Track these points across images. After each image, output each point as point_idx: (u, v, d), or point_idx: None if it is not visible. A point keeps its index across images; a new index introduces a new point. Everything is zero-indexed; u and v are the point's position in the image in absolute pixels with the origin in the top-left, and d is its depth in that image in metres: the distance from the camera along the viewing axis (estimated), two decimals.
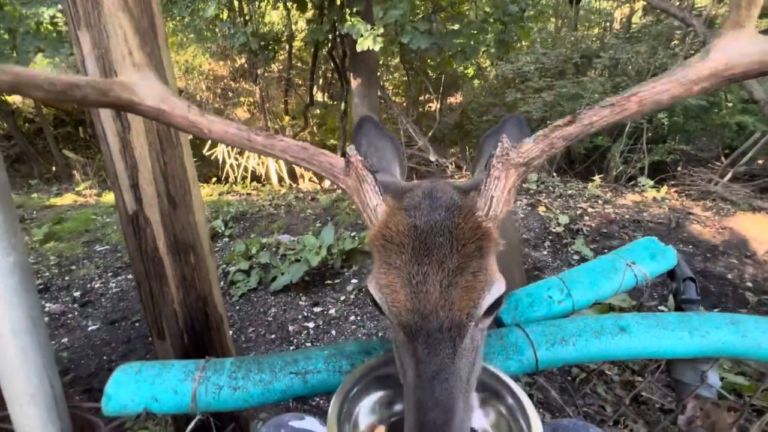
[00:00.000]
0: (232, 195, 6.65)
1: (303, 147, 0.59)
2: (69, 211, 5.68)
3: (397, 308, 0.54)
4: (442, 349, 0.52)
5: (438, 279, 0.53)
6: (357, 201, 0.60)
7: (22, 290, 0.56)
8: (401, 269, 0.55)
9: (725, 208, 4.89)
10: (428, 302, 0.53)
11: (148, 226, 1.28)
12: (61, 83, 0.49)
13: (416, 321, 0.53)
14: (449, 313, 0.53)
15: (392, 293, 0.55)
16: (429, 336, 0.53)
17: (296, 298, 3.52)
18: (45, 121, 9.15)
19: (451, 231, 0.55)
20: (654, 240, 0.94)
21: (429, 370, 0.51)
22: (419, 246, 0.55)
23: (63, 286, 3.92)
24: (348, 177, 0.59)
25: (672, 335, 0.76)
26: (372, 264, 0.61)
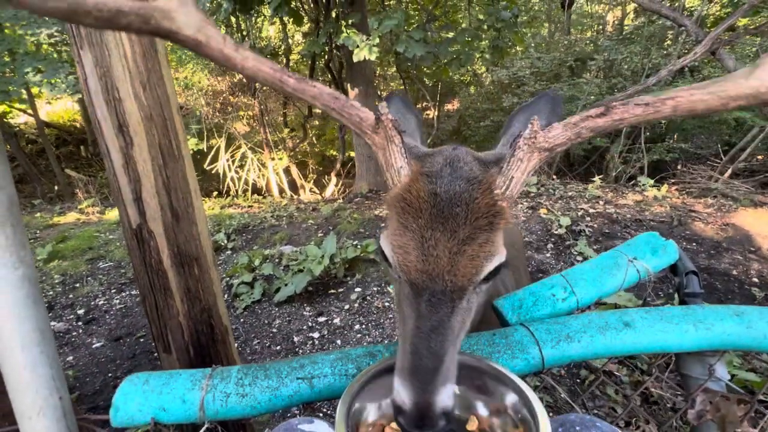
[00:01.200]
0: (234, 208, 6.67)
1: (335, 96, 0.60)
2: (72, 229, 5.70)
3: (407, 267, 0.59)
4: (443, 307, 0.58)
5: (448, 246, 0.58)
6: (382, 159, 0.63)
7: (31, 303, 0.56)
8: (415, 232, 0.59)
9: (727, 204, 4.88)
10: (436, 266, 0.58)
11: (151, 239, 1.29)
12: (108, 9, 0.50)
13: (423, 280, 0.58)
14: (453, 278, 0.58)
15: (404, 254, 0.60)
16: (433, 295, 0.58)
17: (300, 308, 3.51)
18: (47, 141, 9.25)
19: (468, 204, 0.59)
20: (655, 235, 0.95)
21: (428, 323, 0.57)
22: (436, 213, 0.59)
23: (67, 304, 3.92)
24: (376, 134, 0.61)
25: (677, 329, 0.76)
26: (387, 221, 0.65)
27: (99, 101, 1.15)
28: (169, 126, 1.25)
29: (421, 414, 0.54)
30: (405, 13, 4.79)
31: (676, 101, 0.54)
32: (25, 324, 0.56)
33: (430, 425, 0.54)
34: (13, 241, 0.54)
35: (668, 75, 6.09)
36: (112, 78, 1.15)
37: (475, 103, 9.87)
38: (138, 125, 1.18)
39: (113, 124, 1.17)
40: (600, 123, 0.56)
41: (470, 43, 5.53)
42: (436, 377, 0.55)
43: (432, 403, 0.54)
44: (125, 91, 1.16)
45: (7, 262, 0.53)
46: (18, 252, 0.55)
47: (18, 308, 0.55)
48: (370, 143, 0.63)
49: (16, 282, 0.55)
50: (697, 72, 7.67)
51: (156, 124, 1.21)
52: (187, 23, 0.54)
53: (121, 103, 1.15)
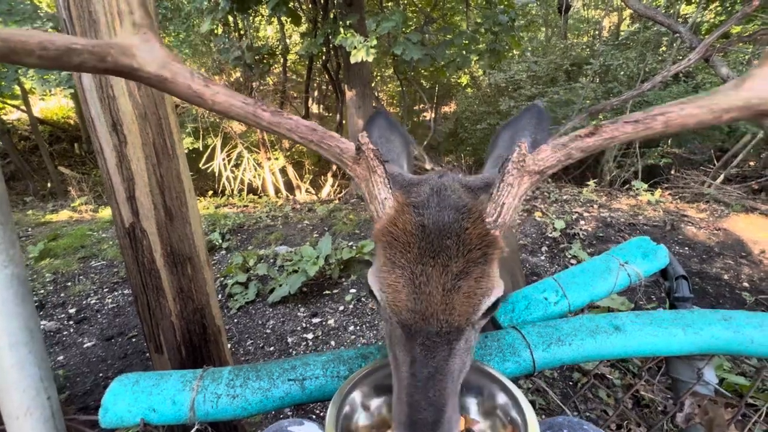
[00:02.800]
0: (229, 208, 6.64)
1: (312, 128, 0.57)
2: (65, 227, 5.65)
3: (397, 307, 0.55)
4: (439, 351, 0.53)
5: (441, 282, 0.54)
6: (365, 191, 0.59)
7: (20, 301, 0.56)
8: (405, 268, 0.55)
9: (719, 209, 4.94)
10: (429, 304, 0.53)
11: (144, 238, 1.29)
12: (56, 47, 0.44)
13: (416, 321, 0.54)
14: (449, 317, 0.53)
15: (394, 292, 0.55)
16: (427, 338, 0.53)
17: (295, 309, 3.50)
18: (40, 138, 9.16)
19: (459, 234, 0.55)
20: (646, 239, 0.96)
21: (425, 371, 0.52)
22: (426, 246, 0.55)
23: (58, 303, 3.88)
24: (358, 165, 0.57)
25: (666, 333, 0.77)
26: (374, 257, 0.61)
27: (93, 98, 1.15)
28: (163, 125, 1.25)
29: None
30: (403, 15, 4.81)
31: (667, 117, 0.53)
32: (13, 322, 0.55)
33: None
34: (2, 239, 0.54)
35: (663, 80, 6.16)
36: (106, 75, 1.14)
37: (471, 106, 9.91)
38: (132, 123, 1.18)
39: (107, 122, 1.16)
40: (590, 143, 0.54)
41: (467, 46, 5.56)
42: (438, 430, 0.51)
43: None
44: (119, 89, 1.15)
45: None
46: (7, 250, 0.54)
47: (6, 306, 0.55)
48: (352, 175, 0.59)
49: (5, 281, 0.54)
50: (691, 78, 7.76)
51: (150, 123, 1.21)
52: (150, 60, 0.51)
53: (115, 100, 1.15)
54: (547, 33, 11.55)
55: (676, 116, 0.52)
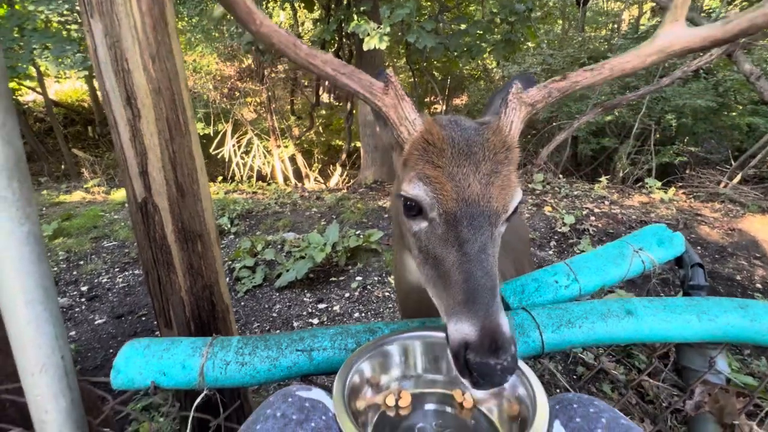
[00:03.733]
0: (239, 193, 6.68)
1: (343, 64, 0.66)
2: (78, 207, 5.74)
3: (444, 196, 0.62)
4: (484, 231, 0.60)
5: (477, 177, 0.63)
6: (394, 116, 0.67)
7: (35, 259, 0.57)
8: (444, 168, 0.63)
9: (734, 209, 4.84)
10: (472, 192, 0.61)
11: (156, 213, 1.30)
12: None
13: (461, 207, 0.61)
14: (488, 203, 0.62)
15: (439, 185, 0.62)
16: (473, 219, 0.61)
17: (301, 294, 3.53)
18: (55, 121, 9.28)
19: (483, 144, 0.65)
20: (662, 227, 0.94)
21: (475, 246, 0.59)
22: (457, 153, 0.64)
23: (71, 281, 3.96)
24: (386, 95, 0.67)
25: (679, 319, 0.75)
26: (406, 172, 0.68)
27: (108, 72, 1.15)
28: (177, 100, 1.24)
29: (494, 338, 0.50)
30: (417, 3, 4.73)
31: (611, 64, 0.70)
32: (29, 280, 0.56)
33: (504, 351, 0.50)
34: (20, 196, 0.55)
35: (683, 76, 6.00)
36: (121, 48, 1.14)
37: (484, 98, 9.79)
38: (146, 98, 1.18)
39: (121, 95, 1.16)
40: (563, 84, 0.70)
41: (482, 36, 5.46)
42: (495, 298, 0.54)
43: (501, 325, 0.52)
44: (134, 63, 1.15)
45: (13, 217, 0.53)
46: (24, 208, 0.55)
47: (23, 264, 0.56)
48: (380, 104, 0.67)
49: (22, 237, 0.55)
50: (711, 75, 7.55)
51: (164, 98, 1.21)
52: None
53: (130, 74, 1.15)
54: (564, 26, 11.30)
55: (616, 63, 0.70)
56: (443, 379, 0.70)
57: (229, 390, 0.88)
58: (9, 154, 0.53)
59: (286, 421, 0.51)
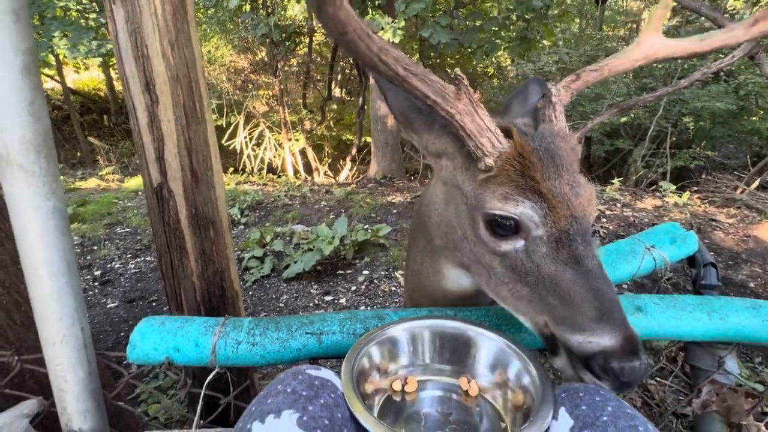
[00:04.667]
0: (249, 185, 6.75)
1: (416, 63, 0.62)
2: (92, 194, 5.86)
3: (557, 215, 0.60)
4: (592, 246, 0.61)
5: (573, 191, 0.62)
6: (470, 125, 0.63)
7: (60, 233, 0.59)
8: (544, 184, 0.61)
9: (750, 216, 4.73)
10: (576, 208, 0.61)
11: (171, 199, 1.32)
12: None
13: (572, 224, 0.60)
14: (588, 218, 0.63)
15: (547, 201, 0.61)
16: (584, 235, 0.61)
17: (308, 286, 3.56)
18: (72, 109, 9.46)
19: (559, 153, 0.64)
20: (676, 225, 0.93)
21: (593, 262, 0.59)
22: (546, 165, 0.62)
23: (85, 265, 4.06)
24: (459, 101, 0.62)
25: (690, 317, 0.75)
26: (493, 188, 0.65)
27: (128, 57, 1.17)
28: (194, 88, 1.26)
29: (632, 346, 0.54)
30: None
31: (609, 65, 0.78)
32: (54, 254, 0.58)
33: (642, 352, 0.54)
34: (47, 171, 0.57)
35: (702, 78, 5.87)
36: (141, 35, 1.17)
37: (497, 97, 9.70)
38: (164, 84, 1.20)
39: (140, 81, 1.19)
40: (579, 84, 0.76)
41: (497, 32, 5.41)
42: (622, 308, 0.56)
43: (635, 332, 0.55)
44: (154, 49, 1.17)
45: (39, 191, 0.56)
46: (51, 183, 0.57)
47: (48, 238, 0.58)
48: (453, 111, 0.62)
49: (48, 212, 0.57)
50: (732, 77, 7.37)
51: (182, 85, 1.23)
52: None
53: (149, 60, 1.17)
54: (582, 24, 11.10)
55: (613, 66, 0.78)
56: (450, 368, 0.71)
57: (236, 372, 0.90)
58: (38, 130, 0.55)
59: (296, 397, 0.52)
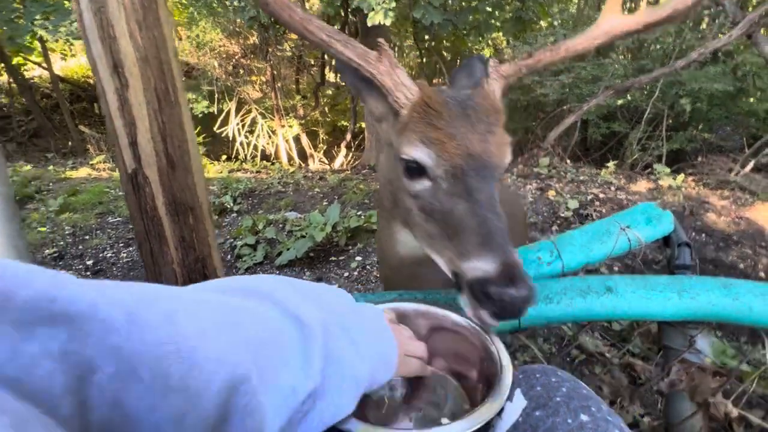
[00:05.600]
0: (242, 172, 6.69)
1: (338, 31, 0.70)
2: (83, 183, 5.80)
3: (448, 154, 0.66)
4: (488, 182, 0.66)
5: (476, 134, 0.68)
6: (389, 82, 0.71)
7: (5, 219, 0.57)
8: (444, 129, 0.68)
9: (743, 197, 4.73)
10: (474, 148, 0.67)
11: (147, 185, 1.30)
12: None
13: (467, 161, 0.66)
14: (490, 157, 0.68)
15: (442, 143, 0.67)
16: (479, 171, 0.66)
17: (301, 273, 3.57)
18: (61, 97, 9.28)
19: (475, 107, 0.71)
20: (651, 205, 0.91)
21: (484, 195, 0.64)
22: (453, 114, 0.69)
23: (77, 255, 4.04)
24: (380, 62, 0.70)
25: (660, 296, 0.74)
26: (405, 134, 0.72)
27: (94, 38, 1.13)
28: (165, 69, 1.23)
29: (513, 272, 0.54)
30: None
31: (567, 45, 0.79)
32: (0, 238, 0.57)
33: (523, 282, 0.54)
34: None
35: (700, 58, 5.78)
36: (107, 14, 1.12)
37: None
38: (133, 66, 1.16)
39: (108, 63, 1.15)
40: (529, 62, 0.78)
41: (492, 13, 5.29)
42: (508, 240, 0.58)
43: (519, 262, 0.56)
44: (120, 30, 1.13)
45: None
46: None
47: None
48: (375, 72, 0.70)
49: None
50: (730, 57, 7.26)
51: (152, 67, 1.19)
52: None
53: (116, 41, 1.13)
54: (580, 5, 10.87)
55: (570, 44, 0.79)
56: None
57: None
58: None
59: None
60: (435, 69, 10.35)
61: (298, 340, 0.40)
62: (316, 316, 0.43)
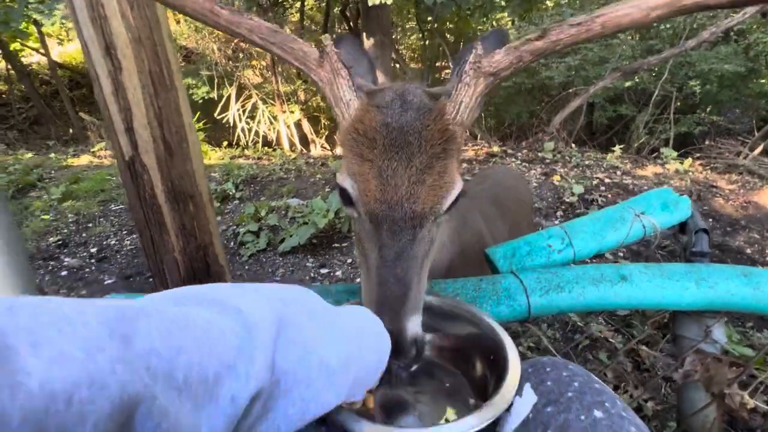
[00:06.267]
0: (243, 159, 6.64)
1: (274, 30, 0.58)
2: (85, 171, 5.78)
3: (367, 197, 0.59)
4: (404, 235, 0.58)
5: (407, 175, 0.58)
6: (329, 95, 0.62)
7: None
8: (373, 162, 0.59)
9: (752, 182, 4.65)
10: (395, 194, 0.58)
11: (145, 173, 1.27)
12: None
13: (383, 210, 0.58)
14: (413, 206, 0.58)
15: (364, 182, 0.59)
16: (393, 223, 0.58)
17: (304, 259, 3.56)
18: (60, 83, 9.18)
19: (420, 132, 0.59)
20: (668, 190, 0.88)
21: (391, 252, 0.57)
22: (390, 143, 0.59)
23: (81, 242, 4.05)
24: (321, 68, 0.60)
25: (677, 285, 0.71)
26: (343, 158, 0.65)
27: (84, 18, 1.08)
28: (159, 51, 1.18)
29: (393, 342, 0.52)
30: None
31: (604, 18, 0.57)
32: None
33: (402, 353, 0.53)
34: None
35: (711, 38, 5.61)
36: None
37: None
38: (126, 48, 1.12)
39: (100, 45, 1.10)
40: (539, 45, 0.59)
41: None
42: (404, 304, 0.54)
43: (402, 330, 0.53)
44: (111, 9, 1.08)
45: None
46: None
47: None
48: (316, 79, 0.61)
49: None
50: (742, 37, 7.05)
51: (145, 48, 1.15)
52: None
53: (107, 21, 1.08)
54: None
55: (612, 16, 0.57)
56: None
57: None
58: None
59: None
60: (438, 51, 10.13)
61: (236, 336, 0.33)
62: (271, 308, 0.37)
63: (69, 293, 3.18)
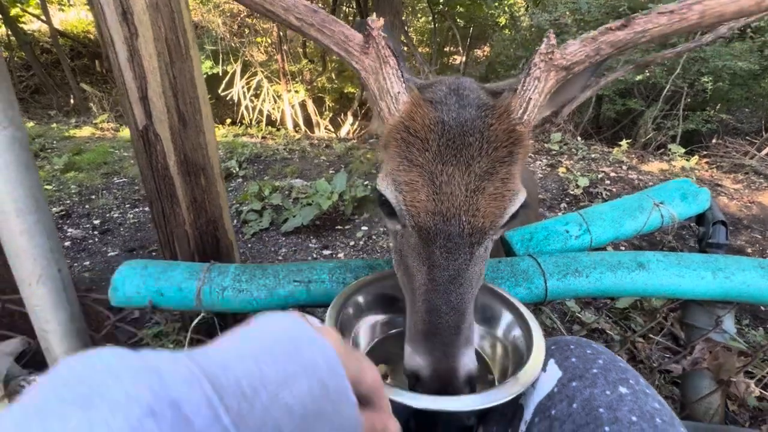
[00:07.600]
0: (247, 137, 6.59)
1: (313, 9, 0.50)
2: (87, 143, 5.74)
3: (415, 208, 0.50)
4: (460, 254, 0.50)
5: (464, 182, 0.49)
6: (374, 86, 0.53)
7: (23, 167, 0.54)
8: (423, 167, 0.50)
9: (757, 182, 4.64)
10: (452, 205, 0.49)
11: (158, 143, 1.26)
12: None
13: (436, 223, 0.49)
14: (473, 219, 0.49)
15: (412, 191, 0.51)
16: (448, 240, 0.49)
17: (306, 240, 3.57)
18: (62, 52, 9.01)
19: (483, 132, 0.50)
20: (687, 181, 0.88)
21: (445, 274, 0.49)
22: (446, 144, 0.50)
23: (84, 214, 4.05)
24: (366, 55, 0.52)
25: (693, 275, 0.72)
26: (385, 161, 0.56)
27: None
28: (176, 19, 1.16)
29: (443, 382, 0.47)
30: None
31: (704, 5, 0.47)
32: (18, 189, 0.54)
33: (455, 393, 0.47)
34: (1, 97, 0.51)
35: (727, 33, 5.50)
36: None
37: (507, 50, 9.20)
38: (143, 13, 1.09)
39: (116, 9, 1.08)
40: (621, 36, 0.51)
41: None
42: (458, 337, 0.47)
43: (456, 368, 0.47)
44: None
45: None
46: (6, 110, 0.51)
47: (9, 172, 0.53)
48: (358, 68, 0.53)
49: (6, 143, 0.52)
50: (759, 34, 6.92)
51: (162, 15, 1.12)
52: None
53: None
54: None
55: (714, 3, 0.47)
56: None
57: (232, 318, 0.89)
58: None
59: None
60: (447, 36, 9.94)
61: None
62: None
63: (72, 264, 3.19)
